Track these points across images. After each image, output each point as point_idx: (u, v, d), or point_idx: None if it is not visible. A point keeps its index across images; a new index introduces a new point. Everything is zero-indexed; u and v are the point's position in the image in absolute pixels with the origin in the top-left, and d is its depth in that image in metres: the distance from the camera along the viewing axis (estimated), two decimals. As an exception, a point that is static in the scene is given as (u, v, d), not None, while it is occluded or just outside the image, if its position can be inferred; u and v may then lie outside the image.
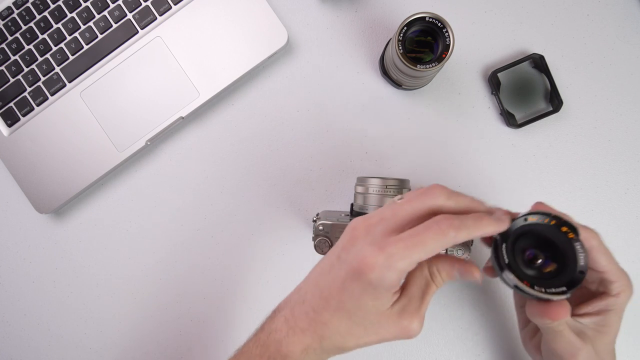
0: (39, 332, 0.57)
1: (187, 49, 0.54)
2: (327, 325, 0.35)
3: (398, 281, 0.33)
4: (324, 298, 0.35)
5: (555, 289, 0.33)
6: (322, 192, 0.55)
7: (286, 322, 0.36)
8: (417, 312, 0.35)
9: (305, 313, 0.35)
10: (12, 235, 0.57)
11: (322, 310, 0.35)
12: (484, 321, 0.53)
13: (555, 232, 0.35)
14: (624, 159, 0.53)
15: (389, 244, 0.32)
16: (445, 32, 0.44)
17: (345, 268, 0.34)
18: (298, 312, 0.36)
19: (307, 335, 0.35)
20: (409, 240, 0.32)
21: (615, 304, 0.37)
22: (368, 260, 0.32)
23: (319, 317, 0.35)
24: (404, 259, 0.32)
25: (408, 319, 0.34)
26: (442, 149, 0.54)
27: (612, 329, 0.38)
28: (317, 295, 0.35)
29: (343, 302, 0.34)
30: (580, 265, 0.34)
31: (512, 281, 0.33)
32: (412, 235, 0.32)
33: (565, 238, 0.34)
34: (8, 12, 0.55)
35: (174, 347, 0.56)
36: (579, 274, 0.34)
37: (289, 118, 0.55)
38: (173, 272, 0.56)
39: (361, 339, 0.35)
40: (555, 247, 0.35)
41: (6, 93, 0.55)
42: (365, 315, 0.34)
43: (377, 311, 0.34)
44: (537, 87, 0.53)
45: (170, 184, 0.56)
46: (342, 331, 0.35)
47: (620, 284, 0.37)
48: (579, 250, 0.34)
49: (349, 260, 0.34)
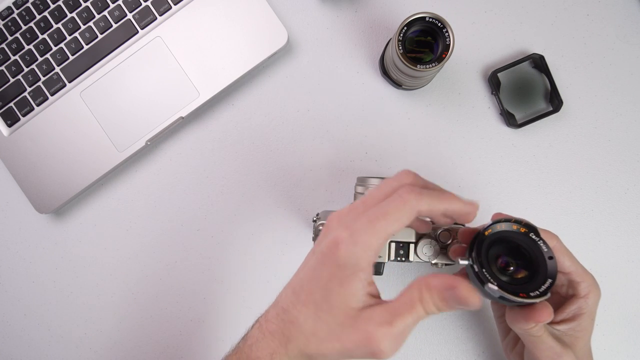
0: (39, 332, 0.57)
1: (187, 49, 0.54)
2: (293, 324, 0.33)
3: (365, 262, 0.31)
4: (295, 293, 0.34)
5: (538, 291, 0.33)
6: (322, 192, 0.55)
7: (260, 327, 0.35)
8: (388, 322, 0.30)
9: (277, 314, 0.34)
10: (12, 235, 0.57)
11: (291, 307, 0.34)
12: (484, 321, 0.53)
13: (522, 236, 0.36)
14: (624, 159, 0.53)
15: (355, 222, 0.32)
16: (445, 32, 0.44)
17: (316, 256, 0.33)
18: (270, 315, 0.35)
19: (275, 338, 0.34)
20: (372, 214, 0.32)
21: (587, 306, 0.38)
22: (336, 240, 0.32)
23: (287, 316, 0.33)
24: (367, 231, 0.31)
25: (373, 326, 0.30)
26: (442, 149, 0.54)
27: (587, 332, 0.39)
28: (290, 292, 0.34)
29: (311, 293, 0.33)
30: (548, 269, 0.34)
31: (497, 293, 0.33)
32: (375, 210, 0.32)
33: (532, 241, 0.35)
34: (8, 12, 0.55)
35: (174, 347, 0.56)
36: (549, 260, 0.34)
37: (289, 118, 0.55)
38: (173, 272, 0.56)
39: (322, 343, 0.32)
40: (523, 251, 0.36)
41: (6, 93, 0.55)
42: (330, 309, 0.32)
43: (344, 306, 0.31)
44: (537, 87, 0.53)
45: (171, 184, 0.56)
46: (307, 330, 0.33)
47: (587, 284, 0.38)
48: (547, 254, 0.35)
49: (320, 248, 0.33)
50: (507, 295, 0.33)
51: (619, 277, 0.52)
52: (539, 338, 0.37)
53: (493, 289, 0.33)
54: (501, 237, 0.36)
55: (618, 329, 0.52)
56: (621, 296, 0.52)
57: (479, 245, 0.35)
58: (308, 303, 0.33)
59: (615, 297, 0.52)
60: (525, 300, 0.33)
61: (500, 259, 0.36)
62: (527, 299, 0.33)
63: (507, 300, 0.33)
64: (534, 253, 0.35)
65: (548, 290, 0.34)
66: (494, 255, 0.36)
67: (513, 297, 0.33)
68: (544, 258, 0.35)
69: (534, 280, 0.34)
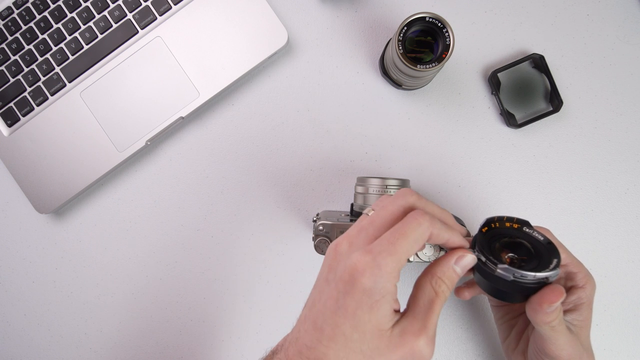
0: (39, 332, 0.57)
1: (187, 49, 0.54)
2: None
3: (392, 284, 0.32)
4: (318, 329, 0.32)
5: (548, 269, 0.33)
6: (322, 192, 0.55)
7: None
8: (422, 329, 0.32)
9: (299, 352, 0.32)
10: (12, 235, 0.57)
11: (316, 344, 0.32)
12: (484, 321, 0.53)
13: (519, 232, 0.37)
14: (624, 159, 0.53)
15: (374, 245, 0.32)
16: (445, 32, 0.44)
17: (336, 285, 0.32)
18: (292, 353, 0.33)
19: None
20: (391, 236, 0.32)
21: (586, 295, 0.39)
22: (357, 266, 0.31)
23: (313, 354, 0.32)
24: (390, 254, 0.31)
25: (412, 338, 0.31)
26: (442, 149, 0.54)
27: (588, 322, 0.40)
28: (311, 328, 0.32)
29: (338, 326, 0.31)
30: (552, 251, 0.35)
31: (511, 272, 0.33)
32: (393, 232, 0.32)
33: (530, 235, 0.36)
34: (8, 12, 0.55)
35: (174, 347, 0.56)
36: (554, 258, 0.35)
37: (289, 118, 0.55)
38: (173, 272, 0.56)
39: None
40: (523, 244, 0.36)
41: (6, 93, 0.55)
42: (363, 338, 0.31)
43: (376, 331, 0.31)
44: (537, 87, 0.53)
45: (170, 184, 0.56)
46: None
47: (583, 274, 0.40)
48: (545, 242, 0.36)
49: (337, 276, 0.32)
50: (520, 271, 0.33)
51: (619, 277, 0.52)
52: (558, 332, 0.37)
53: (506, 268, 0.33)
54: (498, 233, 0.36)
55: (618, 329, 0.52)
56: (621, 296, 0.52)
57: (481, 241, 0.35)
58: (335, 337, 0.31)
59: (615, 297, 0.52)
60: (538, 274, 0.33)
61: (503, 254, 0.36)
62: (540, 273, 0.33)
63: (521, 281, 0.33)
64: (533, 244, 0.36)
65: (557, 265, 0.34)
66: (497, 251, 0.36)
67: (527, 272, 0.33)
68: (543, 245, 0.35)
69: (540, 265, 0.34)
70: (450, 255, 0.35)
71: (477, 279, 0.36)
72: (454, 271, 0.34)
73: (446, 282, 0.34)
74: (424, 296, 0.33)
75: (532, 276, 0.33)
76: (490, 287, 0.35)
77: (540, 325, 0.36)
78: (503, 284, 0.34)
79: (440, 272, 0.34)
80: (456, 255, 0.34)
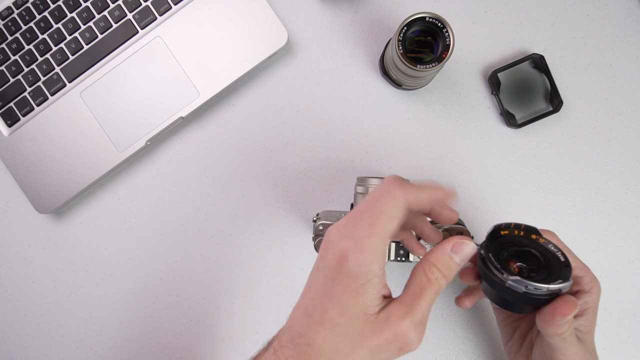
0: (39, 332, 0.57)
1: (187, 49, 0.54)
2: (312, 347, 0.32)
3: (377, 267, 0.31)
4: (308, 315, 0.33)
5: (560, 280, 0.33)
6: (322, 192, 0.55)
7: (274, 352, 0.34)
8: (407, 312, 0.31)
9: (291, 339, 0.33)
10: (12, 235, 0.57)
11: (306, 329, 0.32)
12: (484, 321, 0.53)
13: (528, 240, 0.35)
14: (624, 159, 0.53)
15: (356, 230, 0.32)
16: (445, 32, 0.44)
17: (324, 272, 0.32)
18: (285, 340, 0.34)
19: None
20: (367, 217, 0.32)
21: (591, 300, 0.38)
22: (342, 252, 0.31)
23: (303, 340, 0.32)
24: (370, 236, 0.31)
25: (395, 321, 0.31)
26: (442, 149, 0.54)
27: (593, 326, 0.39)
28: (302, 314, 0.33)
29: (326, 311, 0.32)
30: (563, 261, 0.34)
31: (523, 283, 0.32)
32: (369, 212, 0.32)
33: (538, 244, 0.35)
34: (8, 12, 0.55)
35: (174, 347, 0.56)
36: (565, 267, 0.34)
37: (289, 118, 0.55)
38: (173, 272, 0.56)
39: (347, 357, 0.31)
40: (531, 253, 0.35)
41: (6, 93, 0.55)
42: (349, 322, 0.31)
43: (362, 315, 0.31)
44: (537, 87, 0.53)
45: (170, 184, 0.56)
46: (327, 350, 0.32)
47: (589, 278, 0.39)
48: (555, 250, 0.35)
49: (327, 263, 0.32)
50: (533, 284, 0.32)
51: (619, 277, 0.52)
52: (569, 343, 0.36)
53: (518, 280, 0.32)
54: (506, 242, 0.35)
55: (618, 329, 0.52)
56: (621, 296, 0.52)
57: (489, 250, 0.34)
58: (323, 322, 0.32)
59: (615, 297, 0.52)
60: (551, 286, 0.32)
61: (512, 263, 0.35)
62: (553, 285, 0.32)
63: (532, 294, 0.32)
64: (542, 252, 0.35)
65: (569, 276, 0.33)
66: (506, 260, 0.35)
67: (540, 285, 0.32)
68: (552, 254, 0.34)
69: (551, 275, 0.34)
70: (446, 241, 0.34)
71: (484, 288, 0.35)
72: (451, 258, 0.33)
73: (441, 269, 0.33)
74: (415, 282, 0.33)
75: (546, 289, 0.32)
76: (498, 298, 0.34)
77: (551, 337, 0.35)
78: (513, 295, 0.33)
79: (434, 259, 0.33)
80: (452, 242, 0.33)
